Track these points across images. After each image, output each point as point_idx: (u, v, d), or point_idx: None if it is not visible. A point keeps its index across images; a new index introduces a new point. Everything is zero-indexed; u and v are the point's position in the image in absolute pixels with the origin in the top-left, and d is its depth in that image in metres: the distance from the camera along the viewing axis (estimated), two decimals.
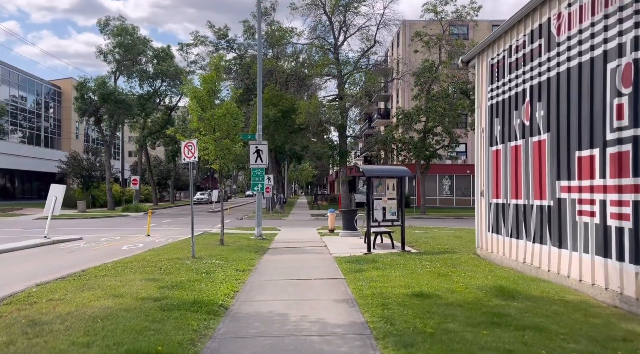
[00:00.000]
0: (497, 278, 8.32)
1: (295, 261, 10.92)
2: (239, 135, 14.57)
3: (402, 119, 35.88)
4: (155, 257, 11.08)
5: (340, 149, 37.33)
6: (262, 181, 16.89)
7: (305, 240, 16.27)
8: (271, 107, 32.94)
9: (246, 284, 8.09)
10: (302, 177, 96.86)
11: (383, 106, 58.17)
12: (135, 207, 38.78)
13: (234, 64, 40.26)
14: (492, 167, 10.86)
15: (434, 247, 12.89)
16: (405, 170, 12.68)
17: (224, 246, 13.87)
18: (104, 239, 17.77)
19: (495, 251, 10.62)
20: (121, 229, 23.14)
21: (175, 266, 9.49)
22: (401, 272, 8.88)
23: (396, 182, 12.42)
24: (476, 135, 11.92)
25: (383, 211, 12.25)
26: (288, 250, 13.46)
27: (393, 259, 10.45)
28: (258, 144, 16.80)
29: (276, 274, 9.18)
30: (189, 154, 11.12)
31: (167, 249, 13.07)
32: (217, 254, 11.53)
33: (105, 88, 35.12)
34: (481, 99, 11.66)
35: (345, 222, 17.67)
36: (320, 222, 26.72)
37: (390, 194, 12.39)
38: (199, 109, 13.72)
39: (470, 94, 35.52)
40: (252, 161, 16.77)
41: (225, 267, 9.61)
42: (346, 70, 35.96)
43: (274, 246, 14.63)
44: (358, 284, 7.79)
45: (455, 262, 10.19)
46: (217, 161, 14.09)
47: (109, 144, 40.57)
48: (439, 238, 15.14)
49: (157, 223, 27.20)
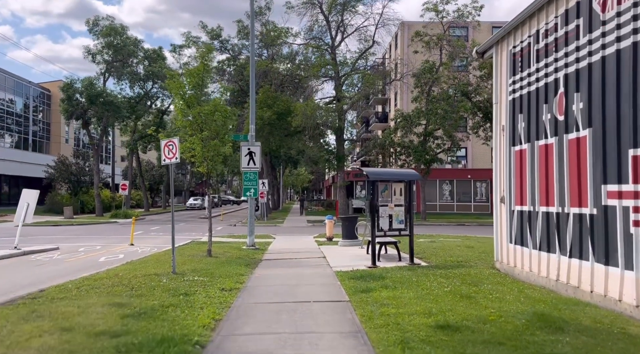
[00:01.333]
0: (531, 300, 6.99)
1: (291, 277, 9.56)
2: (229, 135, 13.23)
3: (401, 122, 34.65)
4: (131, 272, 9.69)
5: (338, 153, 36.04)
6: (254, 185, 15.54)
7: (301, 250, 14.92)
8: (266, 109, 31.65)
9: (232, 309, 6.72)
10: (298, 182, 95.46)
11: (380, 109, 56.97)
12: (125, 214, 37.30)
13: (228, 65, 38.93)
14: (515, 170, 9.56)
15: (446, 259, 11.55)
16: (414, 173, 11.36)
17: (212, 257, 12.50)
18: (82, 249, 16.34)
19: (519, 265, 9.31)
20: (105, 237, 21.71)
21: (150, 285, 8.11)
22: (416, 292, 7.53)
23: (404, 186, 11.11)
24: (495, 134, 10.63)
25: (389, 219, 10.92)
26: (283, 262, 12.09)
27: (403, 275, 9.11)
28: (250, 146, 15.46)
29: (268, 294, 7.81)
30: (169, 154, 9.76)
31: (147, 262, 11.67)
32: (202, 269, 10.15)
33: (93, 89, 33.69)
34: (500, 93, 10.38)
35: (345, 230, 16.34)
36: (317, 229, 25.37)
37: (397, 200, 11.06)
38: (184, 106, 12.39)
39: (472, 96, 34.40)
40: (244, 164, 15.43)
41: (209, 286, 8.23)
42: (344, 71, 34.74)
43: (267, 257, 13.26)
44: (367, 310, 6.44)
45: (475, 279, 8.85)
46: (205, 164, 12.74)
47: (98, 147, 39.08)
48: (448, 248, 13.81)
49: (145, 231, 25.75)
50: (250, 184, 15.54)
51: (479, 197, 43.64)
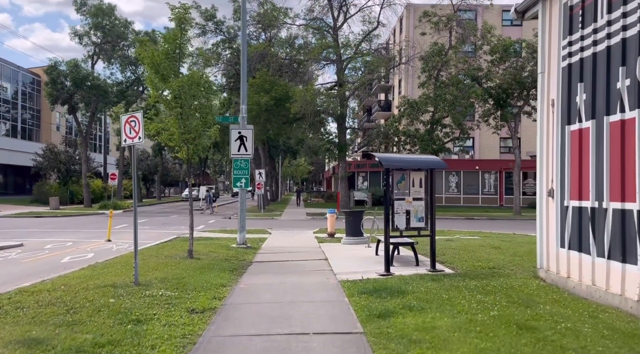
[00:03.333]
0: (620, 334, 5.00)
1: (285, 289, 7.57)
2: (213, 115, 11.18)
3: (407, 110, 32.55)
4: (84, 282, 7.70)
5: (339, 142, 33.97)
6: (246, 174, 13.51)
7: (299, 249, 12.94)
8: (263, 94, 29.52)
9: (196, 349, 4.71)
10: (297, 173, 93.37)
11: (383, 97, 54.77)
12: (114, 205, 35.26)
13: (223, 48, 36.72)
14: (570, 155, 7.53)
15: (474, 264, 9.55)
16: (437, 160, 9.31)
17: (193, 259, 10.51)
18: (50, 245, 14.35)
19: (574, 276, 7.31)
20: (84, 231, 19.73)
21: (96, 305, 6.11)
22: (452, 318, 5.55)
23: (424, 176, 9.08)
24: (540, 112, 8.57)
25: (407, 216, 8.90)
26: (277, 266, 10.10)
27: (429, 289, 7.11)
28: (242, 129, 13.40)
29: (253, 319, 5.82)
30: (131, 133, 7.72)
31: (113, 265, 9.67)
32: (174, 277, 8.14)
33: (78, 72, 31.49)
34: (548, 60, 8.32)
35: (349, 226, 14.36)
36: (317, 223, 23.38)
37: (416, 192, 9.04)
38: (158, 79, 10.33)
39: (483, 81, 32.30)
40: (233, 150, 13.39)
41: (175, 305, 6.24)
42: (347, 54, 32.55)
43: (259, 258, 11.28)
44: (391, 352, 4.45)
45: (522, 295, 6.86)
46: (185, 148, 10.72)
47: (86, 135, 36.98)
48: (471, 250, 11.80)
49: (130, 223, 23.68)
50: (241, 174, 13.51)
51: (487, 190, 41.65)
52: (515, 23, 45.13)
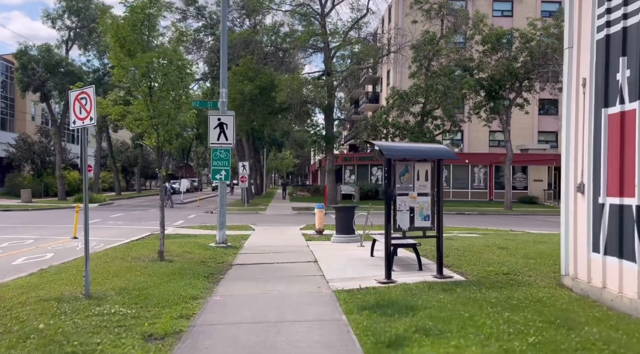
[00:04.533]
0: None
1: (269, 304, 6.30)
2: (187, 96, 9.81)
3: (397, 101, 31.36)
4: (24, 293, 6.35)
5: (327, 134, 32.66)
6: (226, 166, 12.17)
7: (285, 248, 11.68)
8: (247, 83, 28.04)
9: None
10: (283, 166, 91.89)
11: (371, 89, 53.59)
12: (91, 198, 33.56)
13: (206, 34, 35.04)
14: (606, 144, 6.38)
15: (485, 269, 8.38)
16: (445, 150, 8.09)
17: (163, 262, 9.18)
18: (6, 243, 12.88)
19: (613, 287, 6.18)
20: (51, 226, 18.23)
21: (26, 329, 4.78)
22: (482, 347, 4.35)
23: (431, 168, 7.87)
24: (567, 93, 7.39)
25: (411, 214, 7.69)
26: (260, 270, 8.83)
27: (442, 303, 5.91)
28: (221, 115, 12.04)
29: (226, 352, 4.54)
30: (81, 112, 6.36)
31: (67, 270, 8.30)
32: (136, 286, 6.82)
33: (50, 57, 29.60)
34: (578, 32, 7.14)
35: (340, 222, 13.15)
36: (304, 219, 22.12)
37: (421, 187, 7.83)
38: (124, 55, 8.94)
39: (474, 72, 31.26)
40: (212, 139, 12.03)
41: (129, 327, 4.93)
42: (335, 42, 31.18)
43: (240, 260, 9.99)
44: None
45: (555, 310, 5.70)
46: (154, 134, 9.36)
47: (60, 124, 35.07)
48: (476, 250, 10.64)
49: (103, 218, 22.28)
50: (220, 165, 12.16)
51: (477, 184, 40.80)
52: (505, 14, 44.26)
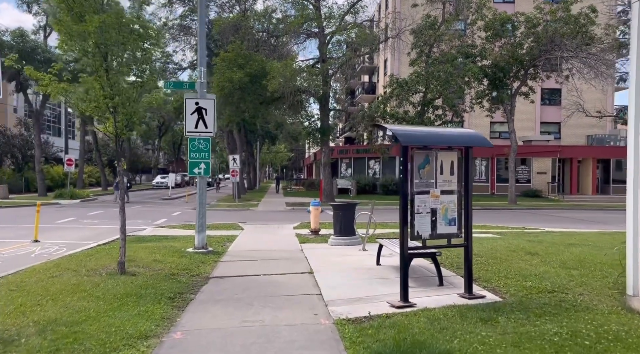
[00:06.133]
0: None
1: (248, 348, 4.60)
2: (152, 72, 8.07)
3: (396, 90, 29.62)
4: None
5: (322, 125, 30.91)
6: (205, 158, 10.42)
7: (276, 254, 10.00)
8: (236, 70, 26.19)
9: None
10: (277, 160, 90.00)
11: (367, 79, 51.81)
12: (71, 194, 31.72)
13: (192, 20, 33.10)
14: None
15: (522, 284, 6.71)
16: (476, 135, 6.35)
17: (124, 275, 7.46)
18: None
19: None
20: (18, 226, 16.46)
21: None
22: None
23: (457, 158, 6.18)
24: (635, 63, 5.71)
25: (432, 217, 6.00)
26: (241, 288, 7.11)
27: (486, 344, 4.24)
28: (200, 99, 10.27)
29: None
30: None
31: None
32: (70, 318, 5.08)
33: (25, 43, 27.59)
34: None
35: (339, 222, 11.49)
36: (297, 216, 20.43)
37: (445, 183, 6.14)
38: (71, 19, 7.17)
39: (477, 59, 29.55)
40: (189, 126, 10.26)
41: None
42: (330, 27, 29.34)
43: (219, 271, 8.29)
44: None
45: None
46: (111, 119, 7.62)
47: (38, 116, 33.10)
48: (503, 257, 8.96)
49: (79, 216, 20.44)
50: (199, 157, 10.41)
51: (478, 177, 39.22)
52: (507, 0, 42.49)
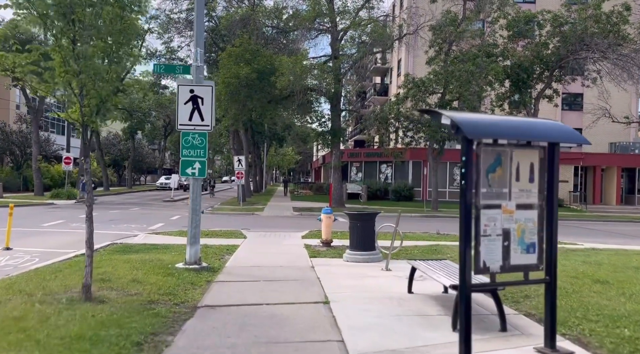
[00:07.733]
0: None
1: None
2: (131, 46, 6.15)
3: (411, 90, 27.90)
4: None
5: (333, 126, 29.24)
6: (201, 157, 8.76)
7: (282, 271, 8.32)
8: (243, 65, 24.62)
9: None
10: (284, 162, 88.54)
11: (379, 80, 50.14)
12: (68, 193, 30.24)
13: None
14: None
15: (614, 332, 4.97)
16: (566, 128, 4.61)
17: (88, 303, 5.80)
18: None
19: None
20: None
21: None
22: None
23: (539, 159, 4.46)
24: None
25: (505, 242, 4.28)
26: (236, 329, 5.41)
27: None
28: (195, 86, 8.63)
29: None
30: None
31: None
32: None
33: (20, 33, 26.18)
34: None
35: (356, 235, 9.81)
36: (306, 223, 18.71)
37: (522, 193, 4.42)
38: None
39: (499, 59, 27.80)
40: (182, 118, 8.62)
41: None
42: (343, 23, 27.73)
43: (210, 298, 6.60)
44: None
45: None
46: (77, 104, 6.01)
47: (37, 111, 31.71)
48: (566, 286, 7.15)
49: (70, 218, 18.84)
50: (193, 155, 8.76)
51: None
52: None
